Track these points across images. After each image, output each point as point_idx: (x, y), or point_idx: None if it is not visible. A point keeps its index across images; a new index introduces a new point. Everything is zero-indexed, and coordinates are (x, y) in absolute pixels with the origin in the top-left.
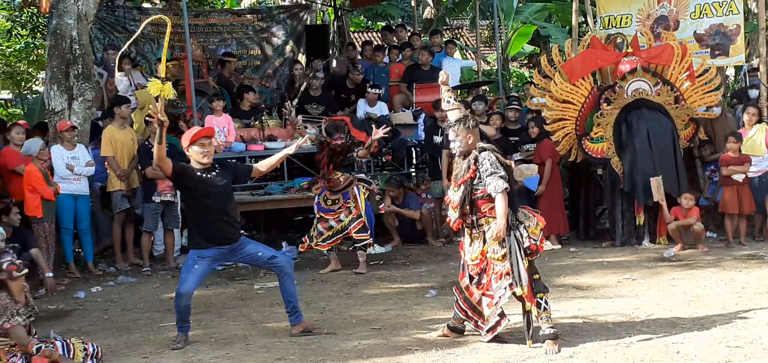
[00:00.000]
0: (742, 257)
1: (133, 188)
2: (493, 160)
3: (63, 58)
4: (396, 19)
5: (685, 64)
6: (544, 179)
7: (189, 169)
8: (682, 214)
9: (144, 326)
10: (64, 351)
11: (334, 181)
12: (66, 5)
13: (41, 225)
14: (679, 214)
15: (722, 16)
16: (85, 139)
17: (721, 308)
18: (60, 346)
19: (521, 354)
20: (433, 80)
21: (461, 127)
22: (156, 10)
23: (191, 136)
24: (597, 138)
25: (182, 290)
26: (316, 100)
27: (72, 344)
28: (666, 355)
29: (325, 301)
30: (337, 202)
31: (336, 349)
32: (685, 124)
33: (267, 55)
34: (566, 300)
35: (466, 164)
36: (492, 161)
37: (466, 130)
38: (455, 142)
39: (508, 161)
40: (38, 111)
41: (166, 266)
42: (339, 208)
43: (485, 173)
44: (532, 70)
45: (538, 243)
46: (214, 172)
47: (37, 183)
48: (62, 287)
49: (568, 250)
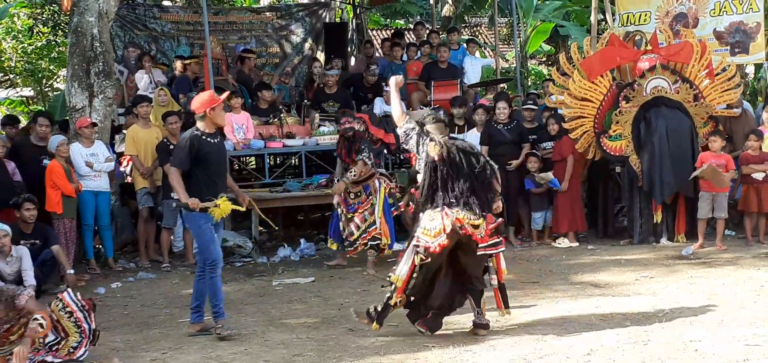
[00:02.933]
0: (760, 255)
1: (157, 186)
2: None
3: (84, 55)
4: (414, 17)
5: (705, 61)
6: (566, 175)
7: (199, 139)
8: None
9: (163, 322)
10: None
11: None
12: (87, 3)
13: (62, 221)
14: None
15: (742, 13)
16: (105, 135)
17: (739, 306)
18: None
19: (538, 351)
20: (452, 78)
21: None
22: (176, 9)
23: (213, 100)
24: (615, 136)
25: (216, 258)
26: (333, 97)
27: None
28: (684, 353)
29: (342, 297)
30: (359, 194)
31: (353, 346)
32: (704, 122)
33: (286, 52)
34: (584, 298)
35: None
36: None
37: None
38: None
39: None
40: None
41: (186, 262)
42: (360, 202)
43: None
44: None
45: (432, 245)
46: (218, 137)
47: (58, 179)
48: (83, 283)
49: (586, 247)
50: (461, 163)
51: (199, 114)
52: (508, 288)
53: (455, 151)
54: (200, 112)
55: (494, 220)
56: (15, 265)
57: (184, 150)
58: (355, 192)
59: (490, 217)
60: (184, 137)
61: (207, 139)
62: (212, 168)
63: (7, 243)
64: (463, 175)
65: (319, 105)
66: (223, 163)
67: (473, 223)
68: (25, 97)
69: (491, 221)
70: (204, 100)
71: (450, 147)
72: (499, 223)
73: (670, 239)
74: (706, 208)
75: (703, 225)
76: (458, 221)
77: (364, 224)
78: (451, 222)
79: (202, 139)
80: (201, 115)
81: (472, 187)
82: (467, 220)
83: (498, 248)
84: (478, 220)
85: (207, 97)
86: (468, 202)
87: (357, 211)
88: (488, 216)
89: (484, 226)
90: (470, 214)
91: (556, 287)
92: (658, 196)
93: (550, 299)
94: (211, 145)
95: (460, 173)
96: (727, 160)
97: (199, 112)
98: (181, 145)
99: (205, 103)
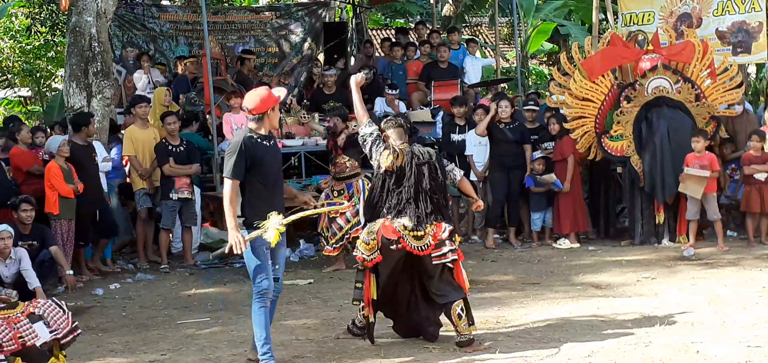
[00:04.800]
0: (762, 256)
1: (155, 187)
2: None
3: (82, 55)
4: (415, 17)
5: (706, 61)
6: (567, 175)
7: (253, 141)
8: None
9: (162, 323)
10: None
11: (340, 166)
12: (85, 3)
13: (59, 222)
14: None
15: (745, 13)
16: (103, 135)
17: (741, 308)
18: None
19: (539, 352)
20: (453, 78)
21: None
22: (174, 9)
23: (272, 98)
24: (617, 136)
25: (266, 287)
26: (332, 97)
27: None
28: (686, 354)
29: (342, 298)
30: (342, 192)
31: (353, 347)
32: (705, 122)
33: (285, 52)
34: (585, 299)
35: None
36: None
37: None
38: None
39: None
40: (57, 108)
41: (184, 264)
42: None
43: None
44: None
45: (368, 258)
46: (273, 140)
47: (55, 180)
48: (81, 284)
49: (587, 248)
50: (411, 172)
51: (258, 114)
52: (509, 288)
53: (409, 160)
54: (260, 111)
55: (442, 229)
56: (13, 268)
57: (235, 155)
58: (338, 189)
59: (438, 226)
60: (234, 142)
61: (261, 141)
62: (270, 177)
63: (9, 244)
64: (405, 185)
65: (318, 105)
66: (280, 170)
67: (415, 234)
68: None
69: (439, 230)
70: (264, 98)
71: (406, 155)
72: (448, 231)
73: (672, 240)
74: (694, 209)
75: (694, 226)
76: (395, 233)
77: (347, 225)
78: (384, 234)
79: (256, 142)
80: (259, 115)
81: (414, 196)
82: (406, 231)
83: (450, 257)
84: (420, 231)
85: (266, 95)
86: (403, 210)
87: (336, 205)
88: (437, 224)
89: (430, 237)
90: (411, 223)
91: (556, 288)
92: (659, 196)
93: (551, 300)
94: (266, 149)
95: (407, 182)
96: (710, 160)
97: (258, 112)
98: (231, 150)
99: (266, 102)
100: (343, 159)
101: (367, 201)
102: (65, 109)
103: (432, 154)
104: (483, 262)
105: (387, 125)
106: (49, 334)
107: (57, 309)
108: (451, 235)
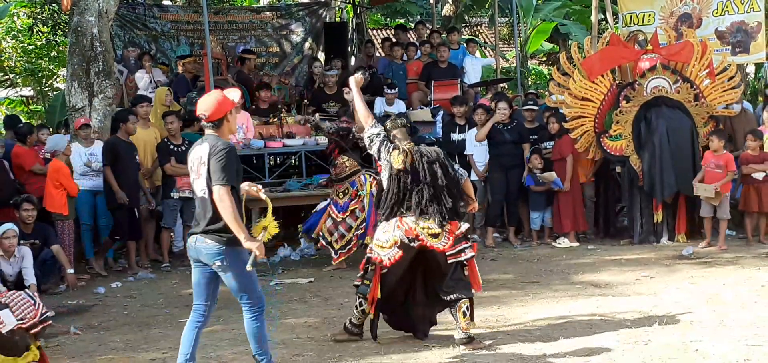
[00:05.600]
0: (761, 255)
1: (157, 186)
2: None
3: (84, 55)
4: (415, 17)
5: (705, 61)
6: (567, 174)
7: (235, 150)
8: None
9: (163, 322)
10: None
11: (340, 167)
12: (87, 2)
13: (67, 223)
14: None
15: (744, 13)
16: (105, 135)
17: (740, 306)
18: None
19: (539, 351)
20: (453, 78)
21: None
22: (176, 8)
23: (225, 104)
24: (616, 135)
25: (262, 295)
26: (333, 97)
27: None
28: (684, 353)
29: (342, 297)
30: (347, 191)
31: (353, 346)
32: (704, 122)
33: (286, 52)
34: (584, 298)
35: None
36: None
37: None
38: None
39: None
40: (59, 108)
41: (185, 262)
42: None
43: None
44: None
45: (385, 258)
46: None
47: (64, 179)
48: (82, 283)
49: (586, 247)
50: (424, 171)
51: (216, 120)
52: (508, 287)
53: (419, 159)
54: (217, 117)
55: (458, 227)
56: (17, 266)
57: (234, 163)
58: (342, 191)
59: (454, 224)
60: (225, 152)
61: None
62: (239, 183)
63: (15, 243)
64: (423, 184)
65: (319, 105)
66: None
67: (431, 232)
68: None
69: (455, 227)
70: (220, 102)
71: (414, 154)
72: (465, 229)
73: (671, 239)
74: (708, 206)
75: (708, 223)
76: (411, 232)
77: (355, 223)
78: (403, 233)
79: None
80: (217, 121)
81: (435, 195)
82: (424, 230)
83: (467, 254)
84: (437, 230)
85: (222, 99)
86: (427, 210)
87: (348, 209)
88: (452, 222)
89: (446, 235)
90: (429, 223)
91: (556, 287)
92: (658, 195)
93: (551, 299)
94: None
95: (421, 181)
96: (727, 159)
97: (216, 118)
98: (231, 158)
99: (223, 106)
100: (342, 159)
101: (383, 200)
102: (67, 108)
103: (439, 152)
104: (483, 261)
105: (392, 125)
106: (15, 321)
107: (26, 299)
108: (467, 232)
